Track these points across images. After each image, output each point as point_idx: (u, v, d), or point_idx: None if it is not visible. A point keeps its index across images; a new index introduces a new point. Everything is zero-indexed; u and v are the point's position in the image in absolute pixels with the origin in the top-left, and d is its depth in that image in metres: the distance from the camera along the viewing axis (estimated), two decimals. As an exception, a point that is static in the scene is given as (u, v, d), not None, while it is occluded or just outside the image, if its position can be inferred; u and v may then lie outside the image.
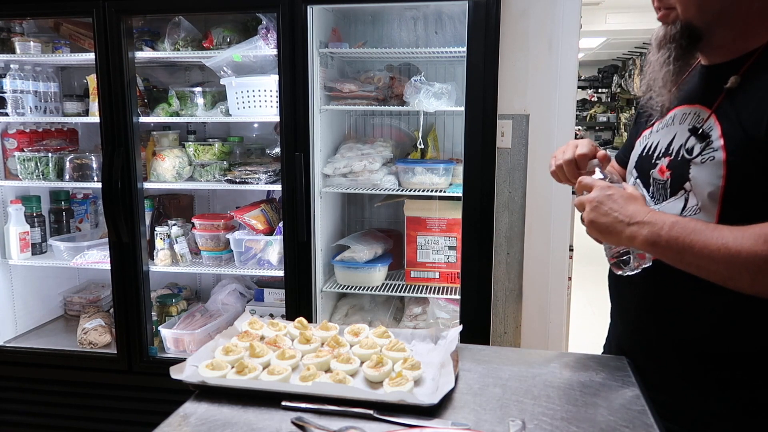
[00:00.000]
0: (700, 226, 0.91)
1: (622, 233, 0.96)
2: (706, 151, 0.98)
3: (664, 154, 1.08)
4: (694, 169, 1.00)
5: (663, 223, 0.93)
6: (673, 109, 1.10)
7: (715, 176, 0.96)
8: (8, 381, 2.53)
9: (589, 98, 10.60)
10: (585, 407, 1.02)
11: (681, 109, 1.09)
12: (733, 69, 1.00)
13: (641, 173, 1.14)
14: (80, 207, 2.82)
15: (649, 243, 0.94)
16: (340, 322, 2.47)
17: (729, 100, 0.99)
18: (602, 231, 0.98)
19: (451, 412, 1.01)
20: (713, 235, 0.89)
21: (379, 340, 1.25)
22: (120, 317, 2.40)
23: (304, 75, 2.15)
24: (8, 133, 2.58)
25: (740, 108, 0.96)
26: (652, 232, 0.93)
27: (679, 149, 1.04)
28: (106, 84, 2.27)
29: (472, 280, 2.18)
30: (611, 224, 0.97)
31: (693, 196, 1.00)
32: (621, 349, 1.23)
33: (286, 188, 2.22)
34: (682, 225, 0.92)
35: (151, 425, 0.97)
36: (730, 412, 1.02)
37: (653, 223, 0.93)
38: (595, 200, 0.98)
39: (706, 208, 0.98)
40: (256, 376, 1.10)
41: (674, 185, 1.04)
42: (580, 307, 4.35)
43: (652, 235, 0.93)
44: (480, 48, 2.04)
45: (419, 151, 2.54)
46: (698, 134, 0.99)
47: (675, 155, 1.05)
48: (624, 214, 0.96)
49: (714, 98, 1.01)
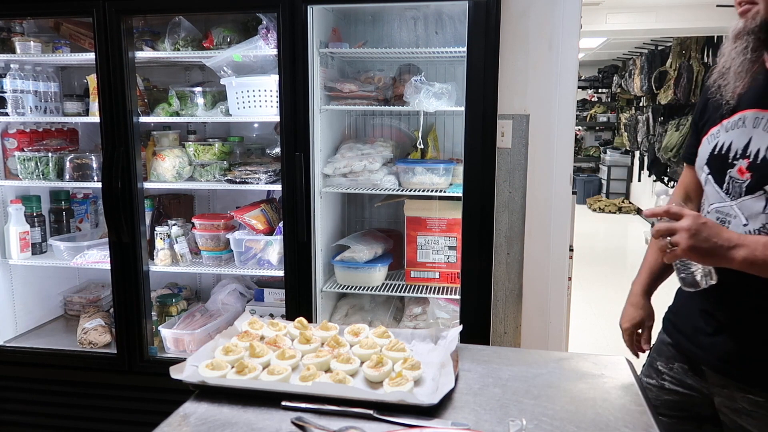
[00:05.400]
0: None
1: (724, 256, 1.06)
2: None
3: (742, 156, 1.16)
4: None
5: (756, 243, 1.06)
6: (742, 111, 1.18)
7: None
8: (8, 381, 2.53)
9: (589, 98, 10.60)
10: (585, 407, 1.02)
11: (752, 112, 1.16)
12: None
13: (714, 171, 1.22)
14: (80, 207, 2.82)
15: (748, 262, 1.06)
16: (340, 322, 2.47)
17: None
18: (704, 255, 1.07)
19: (451, 412, 1.01)
20: None
21: (379, 340, 1.25)
22: (120, 317, 2.40)
23: (304, 75, 2.15)
24: (8, 132, 2.58)
25: None
26: (749, 253, 1.05)
27: (757, 152, 1.13)
28: (106, 84, 2.27)
29: (472, 280, 2.17)
30: (713, 249, 1.06)
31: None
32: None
33: (286, 188, 2.22)
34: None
35: (151, 425, 0.97)
36: None
37: (748, 245, 1.06)
38: (693, 228, 1.06)
39: None
40: (256, 376, 1.10)
41: (754, 185, 1.13)
42: (580, 307, 4.35)
43: (750, 256, 1.05)
44: (480, 48, 2.04)
45: (419, 151, 2.54)
46: None
47: (754, 158, 1.14)
48: (722, 238, 1.06)
49: None
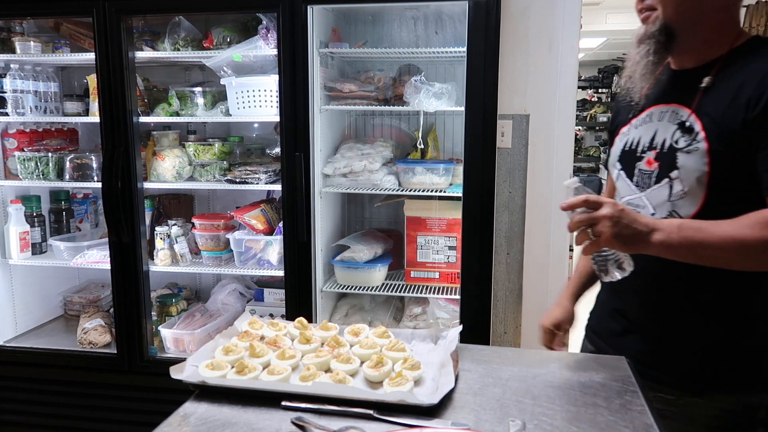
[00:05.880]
0: (702, 225, 1.06)
1: (643, 240, 1.06)
2: (692, 144, 1.13)
3: (649, 148, 1.22)
4: (682, 158, 1.14)
5: (671, 226, 1.06)
6: (649, 108, 1.25)
7: (701, 163, 1.11)
8: (8, 381, 2.53)
9: (589, 98, 10.58)
10: (585, 407, 1.02)
11: (657, 108, 1.23)
12: (702, 73, 1.17)
13: (625, 166, 1.28)
14: (80, 207, 2.82)
15: (664, 245, 1.06)
16: (340, 322, 2.47)
17: (705, 99, 1.15)
18: (626, 241, 1.06)
19: (451, 412, 1.01)
20: (716, 229, 1.04)
21: (379, 340, 1.25)
22: (120, 317, 2.40)
23: (304, 75, 2.14)
24: (8, 132, 2.58)
25: (715, 106, 1.12)
26: (665, 236, 1.06)
27: (663, 142, 1.19)
28: (106, 84, 2.27)
29: (472, 280, 2.17)
30: (634, 234, 1.06)
31: (678, 183, 1.15)
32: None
33: (286, 188, 2.22)
34: (688, 225, 1.07)
35: (151, 425, 0.97)
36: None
37: (663, 229, 1.06)
38: (614, 216, 1.06)
39: (693, 193, 1.13)
40: (256, 376, 1.10)
41: (661, 174, 1.18)
42: (580, 307, 4.34)
43: (666, 239, 1.05)
44: (480, 48, 2.04)
45: (419, 151, 2.54)
46: (685, 128, 1.15)
47: (661, 148, 1.19)
48: (641, 223, 1.06)
49: (690, 98, 1.17)
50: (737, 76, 1.12)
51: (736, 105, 1.09)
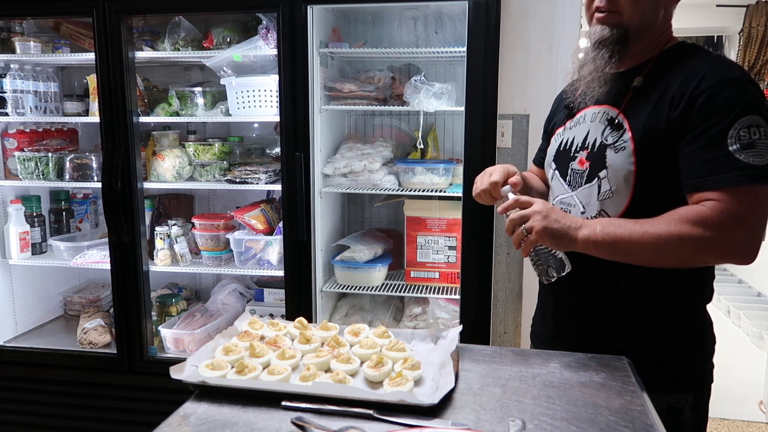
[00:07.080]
0: (624, 222, 1.12)
1: (570, 236, 1.12)
2: (619, 141, 1.18)
3: (581, 148, 1.26)
4: (610, 156, 1.19)
5: (595, 223, 1.13)
6: (583, 109, 1.29)
7: (628, 162, 1.16)
8: (8, 381, 2.53)
9: (589, 98, 10.60)
10: (585, 407, 1.02)
11: (591, 109, 1.27)
12: (634, 74, 1.22)
13: (559, 165, 1.32)
14: (80, 207, 2.82)
15: (589, 242, 1.12)
16: (340, 322, 2.47)
17: (633, 99, 1.19)
18: (555, 236, 1.12)
19: (451, 412, 1.01)
20: (635, 226, 1.10)
21: (379, 340, 1.25)
22: (120, 317, 2.40)
23: (304, 75, 2.14)
24: (8, 132, 2.58)
25: (642, 106, 1.17)
26: (590, 232, 1.11)
27: (594, 141, 1.23)
28: (106, 84, 2.27)
29: (472, 280, 2.17)
30: (562, 229, 1.12)
31: (606, 182, 1.20)
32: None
33: (286, 188, 2.22)
34: (609, 222, 1.13)
35: (151, 425, 0.97)
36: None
37: (588, 225, 1.12)
38: (543, 212, 1.13)
39: (620, 191, 1.18)
40: (256, 376, 1.10)
41: (591, 174, 1.23)
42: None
43: (591, 235, 1.11)
44: (480, 48, 2.04)
45: (419, 151, 2.54)
46: (615, 124, 1.20)
47: (592, 147, 1.24)
48: (569, 219, 1.13)
49: (621, 99, 1.21)
50: (664, 78, 1.16)
51: (661, 105, 1.13)
